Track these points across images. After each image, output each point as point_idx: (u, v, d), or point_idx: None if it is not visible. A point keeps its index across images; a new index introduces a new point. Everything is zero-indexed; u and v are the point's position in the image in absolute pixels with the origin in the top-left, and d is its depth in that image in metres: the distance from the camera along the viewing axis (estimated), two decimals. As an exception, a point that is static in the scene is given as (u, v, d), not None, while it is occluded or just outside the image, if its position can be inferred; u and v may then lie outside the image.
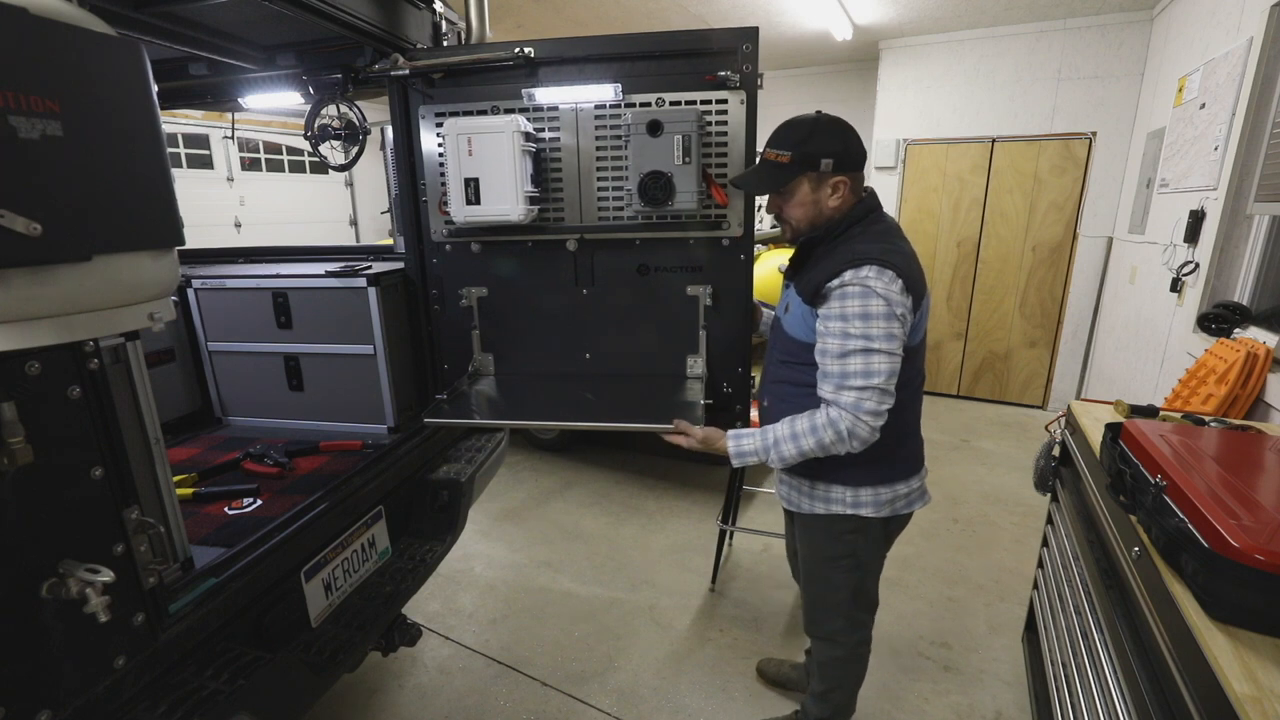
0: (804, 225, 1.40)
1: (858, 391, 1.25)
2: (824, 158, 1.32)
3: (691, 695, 2.09)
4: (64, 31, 0.78)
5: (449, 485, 1.86)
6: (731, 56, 1.61)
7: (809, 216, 1.38)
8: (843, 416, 1.27)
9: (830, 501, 1.46)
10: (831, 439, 1.28)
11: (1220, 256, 2.70)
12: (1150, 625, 1.09)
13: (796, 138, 1.34)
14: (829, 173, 1.33)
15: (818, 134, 1.33)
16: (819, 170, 1.33)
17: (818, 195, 1.36)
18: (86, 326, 0.83)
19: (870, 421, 1.26)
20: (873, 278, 1.24)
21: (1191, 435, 1.39)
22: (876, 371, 1.25)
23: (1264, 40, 2.44)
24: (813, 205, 1.37)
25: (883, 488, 1.44)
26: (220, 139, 5.79)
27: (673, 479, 3.65)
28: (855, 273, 1.25)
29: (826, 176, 1.33)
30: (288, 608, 1.35)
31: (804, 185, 1.35)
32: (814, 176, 1.34)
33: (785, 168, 1.34)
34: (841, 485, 1.44)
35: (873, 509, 1.44)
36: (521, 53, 1.66)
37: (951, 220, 4.83)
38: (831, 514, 1.47)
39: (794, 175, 1.34)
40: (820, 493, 1.48)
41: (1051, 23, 4.24)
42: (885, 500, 1.44)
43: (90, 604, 0.83)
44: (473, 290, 1.90)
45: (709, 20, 4.29)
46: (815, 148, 1.32)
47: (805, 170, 1.33)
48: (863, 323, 1.24)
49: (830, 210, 1.37)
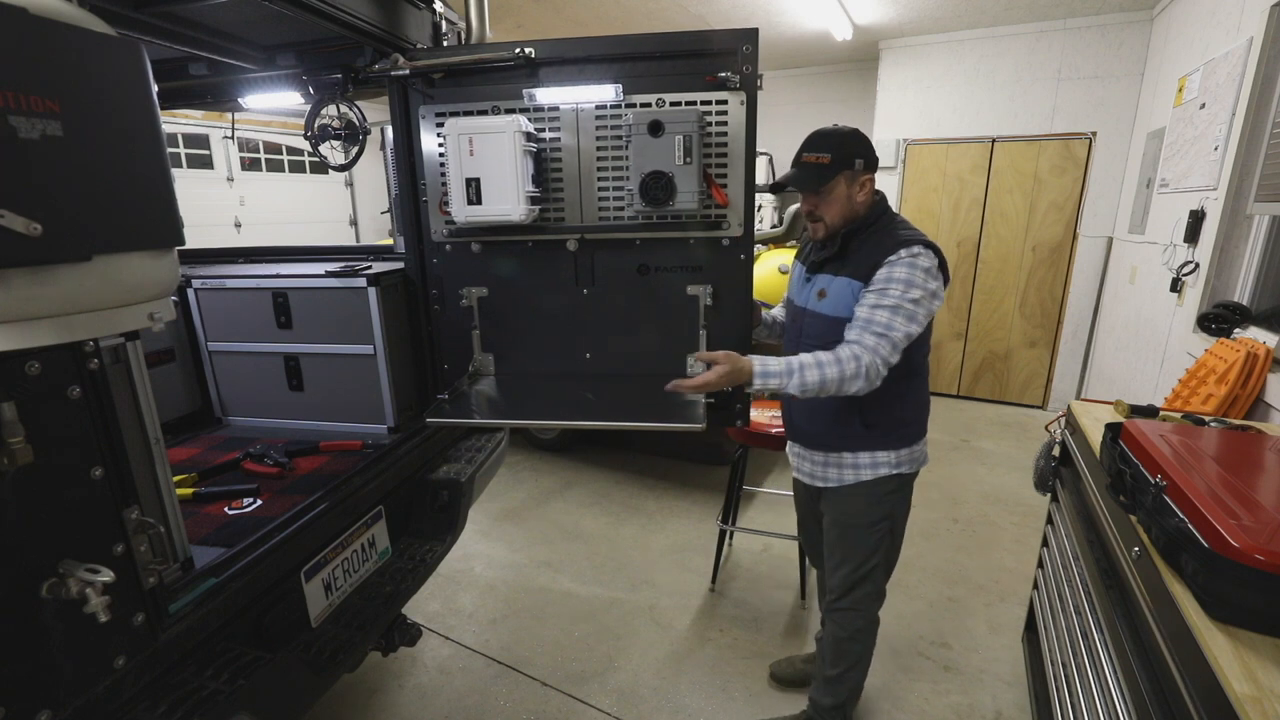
0: (838, 221, 1.55)
1: (878, 338, 1.40)
2: (857, 158, 1.50)
3: (691, 695, 2.09)
4: (64, 31, 0.78)
5: (449, 485, 1.86)
6: (732, 57, 1.61)
7: (843, 213, 1.54)
8: (864, 354, 1.40)
9: (877, 466, 1.60)
10: (851, 372, 1.40)
11: (1220, 256, 2.70)
12: (1150, 625, 1.09)
13: (833, 142, 1.51)
14: (860, 171, 1.51)
15: (849, 139, 1.51)
16: (854, 169, 1.50)
17: (850, 191, 1.52)
18: (86, 326, 0.83)
19: (881, 369, 1.40)
20: (922, 255, 1.43)
21: (1191, 435, 1.39)
22: (898, 328, 1.41)
23: (1264, 40, 2.44)
24: (846, 201, 1.53)
25: (916, 445, 1.62)
26: (220, 139, 5.79)
27: (673, 479, 3.65)
28: (909, 249, 1.44)
29: (859, 174, 1.51)
30: (288, 608, 1.35)
31: (841, 183, 1.51)
32: (849, 175, 1.51)
33: (827, 167, 1.50)
34: (885, 450, 1.59)
35: (909, 465, 1.61)
36: (522, 53, 1.66)
37: (951, 220, 4.83)
38: (878, 477, 1.60)
39: (835, 174, 1.50)
40: (865, 460, 1.61)
41: (1051, 23, 4.24)
42: (917, 457, 1.63)
43: (90, 604, 0.83)
44: (473, 290, 1.89)
45: (709, 20, 4.29)
46: (850, 150, 1.50)
47: (843, 169, 1.50)
48: (902, 287, 1.41)
49: (859, 205, 1.54)
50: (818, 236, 1.60)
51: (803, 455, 1.74)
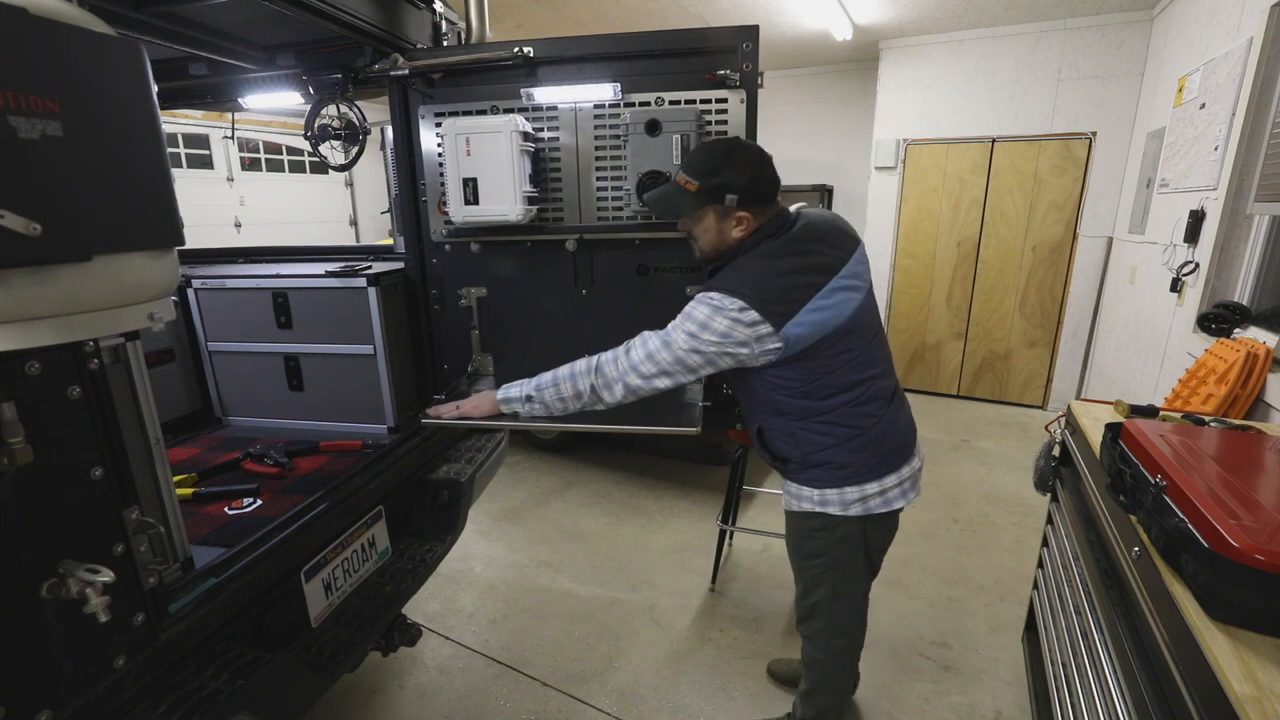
0: (709, 250, 1.45)
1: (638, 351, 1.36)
2: (729, 193, 1.35)
3: (691, 695, 2.09)
4: (64, 31, 0.78)
5: (449, 485, 1.86)
6: (731, 55, 1.61)
7: (713, 243, 1.43)
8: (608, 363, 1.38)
9: (801, 499, 1.51)
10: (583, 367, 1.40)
11: (1220, 256, 2.70)
12: (1150, 625, 1.09)
13: (707, 168, 1.36)
14: (733, 207, 1.36)
15: (726, 167, 1.35)
16: (724, 204, 1.36)
17: (722, 226, 1.39)
18: (86, 326, 0.83)
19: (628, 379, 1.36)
20: (714, 300, 1.31)
21: (1191, 435, 1.39)
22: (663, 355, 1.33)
23: (1264, 40, 2.43)
24: (717, 234, 1.41)
25: (849, 488, 1.44)
26: (220, 139, 5.79)
27: (673, 479, 3.65)
28: (705, 293, 1.33)
29: (730, 210, 1.37)
30: (288, 608, 1.35)
31: (709, 215, 1.39)
32: (719, 209, 1.37)
33: (693, 196, 1.37)
34: (806, 486, 1.48)
35: (839, 507, 1.46)
36: (521, 52, 1.66)
37: (951, 220, 4.83)
38: (802, 511, 1.51)
39: (700, 205, 1.38)
40: (793, 490, 1.53)
41: (1051, 23, 4.23)
42: (853, 499, 1.45)
43: (90, 604, 0.83)
44: (472, 290, 1.90)
45: (709, 20, 4.29)
46: (722, 181, 1.35)
47: (711, 202, 1.37)
48: (683, 320, 1.34)
49: (733, 240, 1.41)
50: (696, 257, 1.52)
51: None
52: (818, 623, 1.61)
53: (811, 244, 1.39)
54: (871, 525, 1.49)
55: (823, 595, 1.57)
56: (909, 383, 5.23)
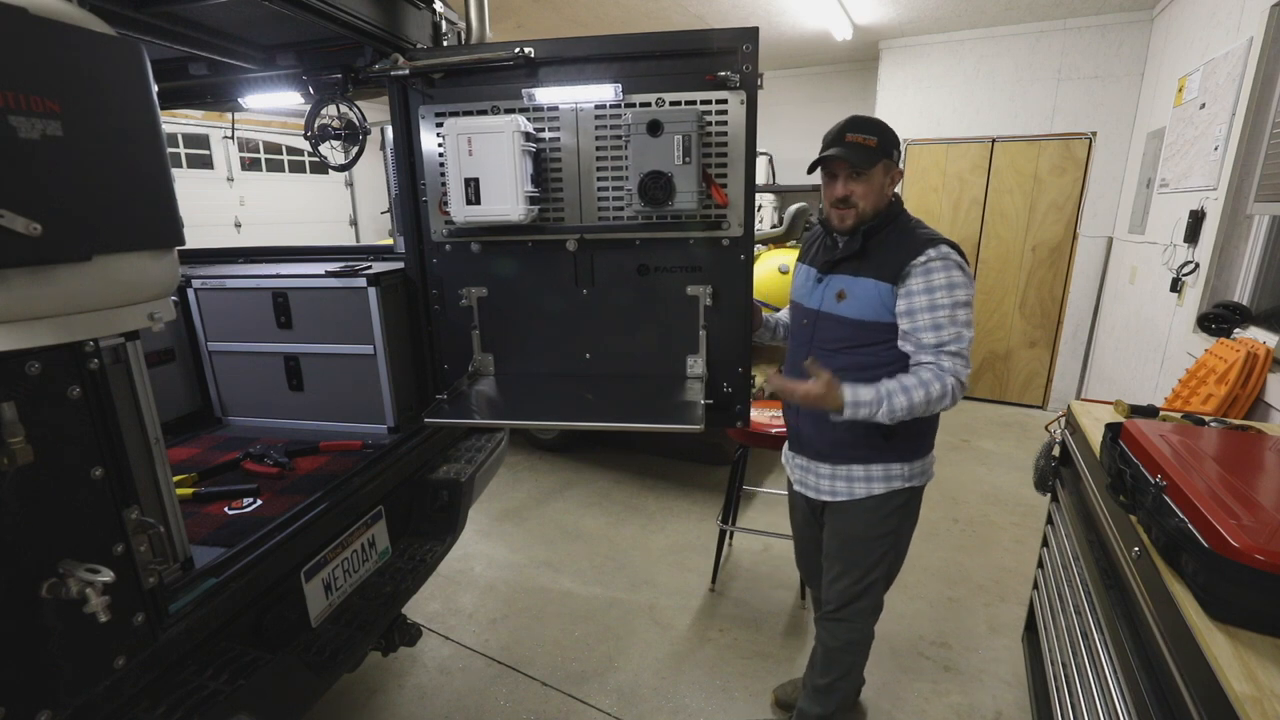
0: (869, 210, 1.49)
1: (953, 356, 1.40)
2: (895, 149, 1.48)
3: (691, 695, 2.09)
4: (64, 31, 0.78)
5: (449, 485, 1.86)
6: (731, 56, 1.61)
7: (874, 202, 1.49)
8: (946, 375, 1.39)
9: (890, 479, 1.56)
10: (937, 393, 1.39)
11: (1220, 256, 2.70)
12: (1150, 625, 1.09)
13: (879, 128, 1.47)
14: (894, 163, 1.49)
15: (890, 129, 1.48)
16: (892, 159, 1.48)
17: (884, 181, 1.49)
18: (86, 326, 0.83)
19: (963, 384, 1.41)
20: (953, 254, 1.40)
21: (1191, 435, 1.39)
22: (965, 336, 1.40)
23: (1264, 40, 2.43)
24: (879, 191, 1.49)
25: (928, 457, 1.60)
26: (220, 139, 5.79)
27: (673, 479, 3.65)
28: (937, 250, 1.40)
29: (893, 166, 1.49)
30: (288, 608, 1.35)
31: (880, 170, 1.47)
32: (887, 164, 1.48)
33: (874, 150, 1.45)
34: (900, 462, 1.55)
35: (920, 478, 1.59)
36: (521, 53, 1.66)
37: (951, 220, 4.83)
38: (891, 490, 1.56)
39: (879, 159, 1.46)
40: (878, 472, 1.56)
41: (1051, 23, 4.23)
42: (928, 469, 1.61)
43: (90, 604, 0.83)
44: (473, 290, 1.89)
45: (709, 20, 4.29)
46: (892, 139, 1.48)
47: (885, 156, 1.46)
48: (948, 293, 1.39)
49: (887, 198, 1.50)
50: (846, 225, 1.51)
51: (807, 468, 1.67)
52: (867, 601, 1.65)
53: None
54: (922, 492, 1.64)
55: (880, 573, 1.63)
56: (909, 383, 5.23)
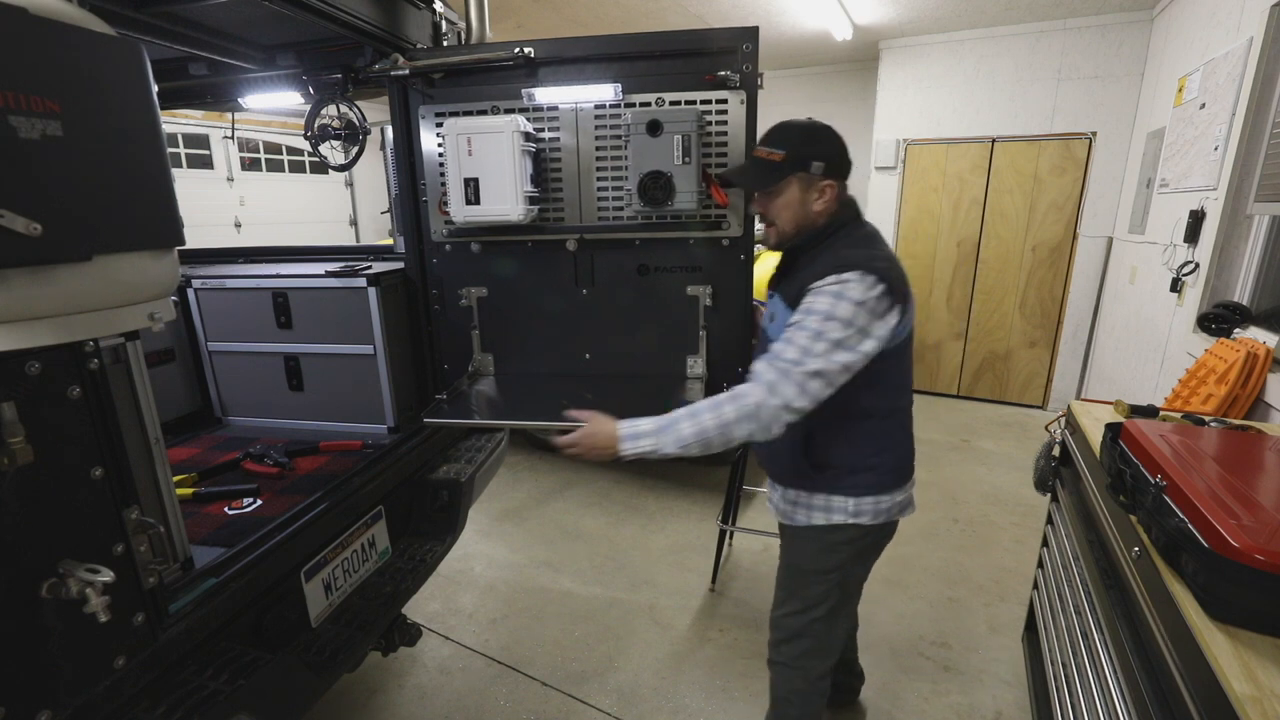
0: (789, 229, 1.37)
1: (779, 375, 1.18)
2: (815, 160, 1.31)
3: (691, 695, 2.09)
4: (64, 31, 0.78)
5: (449, 485, 1.86)
6: (731, 56, 1.62)
7: (795, 219, 1.36)
8: (756, 392, 1.18)
9: (830, 511, 1.42)
10: (732, 416, 1.18)
11: (1220, 256, 2.70)
12: (1150, 625, 1.09)
13: (791, 138, 1.33)
14: (819, 176, 1.32)
15: (812, 137, 1.33)
16: (809, 172, 1.32)
17: (805, 197, 1.34)
18: (86, 326, 0.83)
19: (780, 414, 1.18)
20: (854, 284, 1.19)
21: (1191, 435, 1.39)
22: (808, 365, 1.17)
23: (1264, 40, 2.43)
24: (800, 207, 1.35)
25: (883, 496, 1.41)
26: (220, 139, 5.79)
27: (673, 479, 3.65)
28: (839, 275, 1.21)
29: (816, 179, 1.32)
30: (288, 608, 1.35)
31: (794, 186, 1.33)
32: (804, 178, 1.32)
33: (778, 166, 1.32)
34: (840, 495, 1.40)
35: (871, 517, 1.41)
36: (521, 53, 1.66)
37: (951, 220, 4.83)
38: (831, 524, 1.42)
39: (786, 174, 1.32)
40: (820, 502, 1.43)
41: (1051, 23, 4.23)
42: (884, 508, 1.42)
43: (90, 604, 0.83)
44: (472, 290, 1.90)
45: (709, 20, 4.29)
46: (809, 150, 1.32)
47: (796, 170, 1.32)
48: (819, 319, 1.19)
49: (815, 215, 1.35)
50: (769, 243, 1.43)
51: (772, 486, 1.59)
52: (807, 643, 1.53)
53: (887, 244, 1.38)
54: (885, 534, 1.48)
55: (822, 613, 1.49)
56: (909, 383, 5.24)
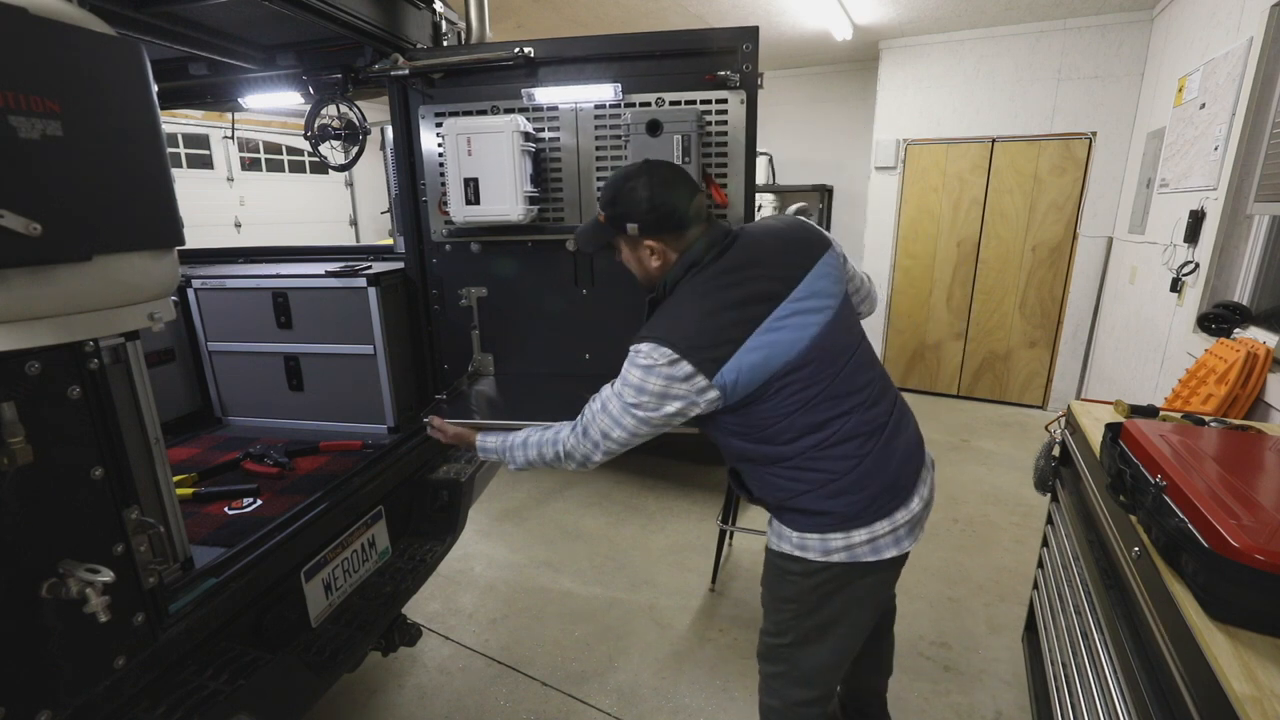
0: (643, 280, 1.37)
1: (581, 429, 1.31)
2: (629, 222, 1.27)
3: (691, 695, 2.09)
4: (64, 31, 0.78)
5: (449, 485, 1.86)
6: (731, 56, 1.62)
7: (641, 274, 1.35)
8: (568, 439, 1.32)
9: (781, 538, 1.37)
10: (552, 455, 1.35)
11: (1220, 256, 2.70)
12: (1150, 625, 1.09)
13: (608, 197, 1.30)
14: (637, 236, 1.28)
15: (623, 195, 1.26)
16: (627, 234, 1.29)
17: (638, 256, 1.31)
18: (86, 326, 0.83)
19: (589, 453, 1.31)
20: (643, 352, 1.19)
21: (1191, 435, 1.39)
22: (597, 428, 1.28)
23: (1264, 40, 2.43)
24: (638, 264, 1.33)
25: (832, 535, 1.28)
26: (220, 139, 5.79)
27: (673, 479, 3.65)
28: (635, 346, 1.22)
29: (638, 240, 1.28)
30: (288, 608, 1.35)
31: (623, 246, 1.33)
32: (627, 240, 1.31)
33: (604, 228, 1.32)
34: (789, 527, 1.34)
35: (819, 554, 1.29)
36: (521, 53, 1.67)
37: (951, 220, 4.83)
38: (781, 551, 1.37)
39: (610, 236, 1.33)
40: (775, 527, 1.39)
41: (1051, 23, 4.23)
42: (838, 546, 1.28)
43: (90, 604, 0.83)
44: (472, 290, 1.90)
45: (709, 20, 4.29)
46: (622, 210, 1.27)
47: (617, 231, 1.30)
48: (620, 383, 1.24)
49: (655, 270, 1.32)
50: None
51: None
52: (779, 666, 1.46)
53: (748, 269, 1.24)
54: (859, 573, 1.31)
55: (790, 640, 1.41)
56: (909, 383, 5.24)
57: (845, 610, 1.37)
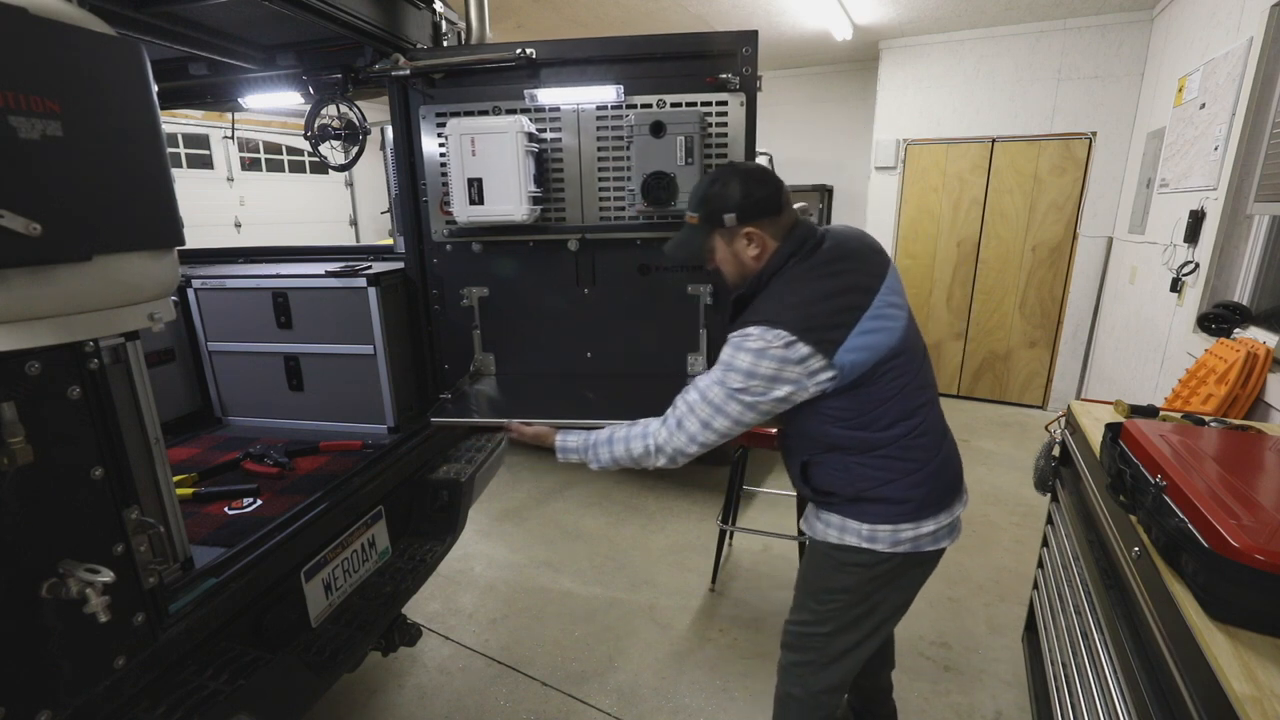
0: (736, 279, 1.37)
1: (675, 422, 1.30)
2: (725, 213, 1.29)
3: (691, 695, 2.09)
4: (64, 31, 0.78)
5: (449, 485, 1.86)
6: (732, 59, 1.62)
7: (736, 271, 1.36)
8: (660, 433, 1.32)
9: (845, 531, 1.36)
10: (639, 450, 1.34)
11: (1220, 256, 2.70)
12: (1150, 625, 1.09)
13: (699, 197, 1.33)
14: (734, 226, 1.30)
15: (715, 190, 1.31)
16: (724, 226, 1.30)
17: (734, 249, 1.33)
18: (86, 326, 0.83)
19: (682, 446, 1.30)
20: (754, 335, 1.20)
21: (1191, 435, 1.39)
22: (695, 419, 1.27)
23: (1264, 40, 2.43)
24: (734, 260, 1.34)
25: (903, 525, 1.32)
26: (220, 139, 5.79)
27: (673, 479, 3.65)
28: (743, 330, 1.23)
29: (735, 230, 1.30)
30: (288, 608, 1.35)
31: (718, 242, 1.33)
32: (724, 233, 1.32)
33: (698, 229, 1.34)
34: (854, 520, 1.35)
35: (888, 545, 1.33)
36: (523, 54, 1.67)
37: (951, 220, 4.83)
38: (844, 544, 1.37)
39: (707, 235, 1.33)
40: (834, 520, 1.38)
41: (1051, 23, 4.23)
42: (906, 538, 1.33)
43: (90, 604, 0.83)
44: (474, 290, 1.90)
45: (709, 21, 4.29)
46: (716, 205, 1.30)
47: (714, 227, 1.32)
48: (720, 371, 1.24)
49: (752, 262, 1.33)
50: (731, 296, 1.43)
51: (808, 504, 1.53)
52: (808, 654, 1.47)
53: (845, 263, 1.30)
54: (912, 563, 1.37)
55: (827, 630, 1.43)
56: (909, 383, 5.23)
57: (889, 600, 1.42)
